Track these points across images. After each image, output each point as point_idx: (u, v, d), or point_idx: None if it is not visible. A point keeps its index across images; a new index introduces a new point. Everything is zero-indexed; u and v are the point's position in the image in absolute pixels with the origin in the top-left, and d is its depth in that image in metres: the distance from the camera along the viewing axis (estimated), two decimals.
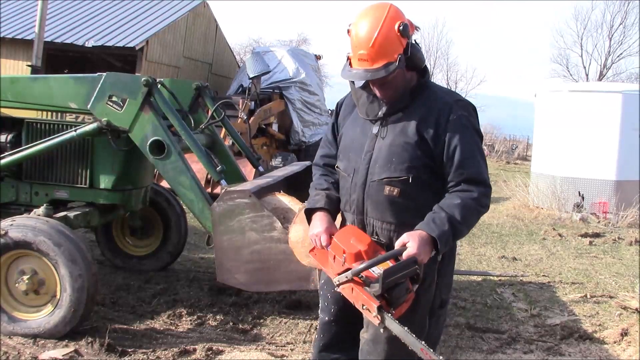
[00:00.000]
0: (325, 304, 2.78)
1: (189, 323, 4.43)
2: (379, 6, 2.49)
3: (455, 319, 4.80)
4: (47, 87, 4.56)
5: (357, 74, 2.46)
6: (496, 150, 27.74)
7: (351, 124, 2.66)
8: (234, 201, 3.87)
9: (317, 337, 2.87)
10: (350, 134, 2.64)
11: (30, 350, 3.77)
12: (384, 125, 2.53)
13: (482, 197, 2.44)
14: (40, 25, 7.29)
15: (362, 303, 2.35)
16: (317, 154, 2.88)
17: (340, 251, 2.45)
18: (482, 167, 2.48)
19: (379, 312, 2.30)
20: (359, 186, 2.55)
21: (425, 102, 2.52)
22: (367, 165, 2.53)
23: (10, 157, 4.46)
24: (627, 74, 38.20)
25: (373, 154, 2.52)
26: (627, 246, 8.43)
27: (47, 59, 16.03)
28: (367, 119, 2.58)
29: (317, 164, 2.83)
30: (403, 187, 2.47)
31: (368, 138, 2.56)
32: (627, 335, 4.56)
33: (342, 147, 2.68)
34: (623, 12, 38.27)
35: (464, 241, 8.16)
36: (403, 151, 2.46)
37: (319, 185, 2.73)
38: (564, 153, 11.05)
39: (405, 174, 2.46)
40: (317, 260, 2.66)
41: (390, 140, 2.49)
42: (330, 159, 2.77)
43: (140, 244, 5.70)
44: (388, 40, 2.41)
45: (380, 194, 2.50)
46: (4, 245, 3.87)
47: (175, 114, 4.36)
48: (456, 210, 2.39)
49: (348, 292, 2.41)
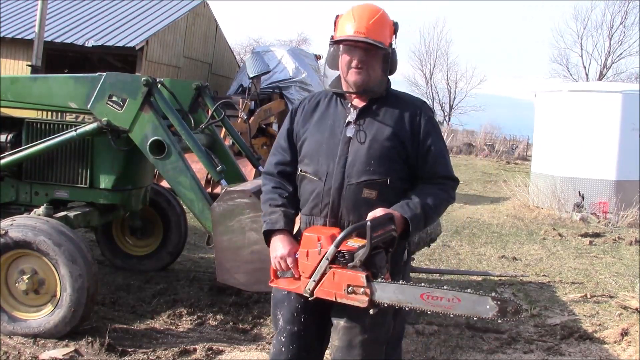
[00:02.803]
0: (294, 314, 2.64)
1: (189, 323, 4.43)
2: (372, 4, 2.61)
3: (455, 319, 4.79)
4: (47, 87, 4.56)
5: (357, 37, 2.50)
6: (496, 150, 27.68)
7: (316, 128, 2.63)
8: (234, 201, 3.87)
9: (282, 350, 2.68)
10: (317, 137, 2.61)
11: (31, 350, 3.78)
12: (359, 129, 2.56)
13: (451, 190, 2.64)
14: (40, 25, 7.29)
15: (347, 283, 2.33)
16: (267, 161, 2.78)
17: (315, 240, 2.43)
18: (450, 164, 2.67)
19: (368, 282, 2.30)
20: (335, 190, 2.54)
21: (395, 105, 2.60)
22: (343, 169, 2.54)
23: (10, 157, 4.46)
24: (627, 74, 38.18)
25: (348, 157, 2.54)
26: (627, 246, 8.43)
27: (47, 59, 16.02)
28: (337, 123, 2.59)
29: (269, 173, 2.74)
30: (381, 188, 2.53)
31: (340, 142, 2.56)
32: (627, 335, 4.56)
33: (307, 151, 2.64)
34: (623, 12, 38.27)
35: (464, 241, 8.16)
36: (381, 153, 2.52)
37: (272, 201, 2.65)
38: (564, 153, 11.04)
39: (384, 176, 2.53)
40: (281, 286, 2.61)
41: (368, 144, 2.53)
42: (285, 166, 2.71)
43: (140, 244, 5.70)
44: (385, 26, 2.55)
45: (357, 196, 2.52)
46: (4, 245, 3.87)
47: (175, 114, 4.36)
48: (429, 198, 2.54)
49: (328, 283, 2.37)
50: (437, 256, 7.13)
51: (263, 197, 2.71)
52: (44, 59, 14.47)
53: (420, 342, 4.27)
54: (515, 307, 2.23)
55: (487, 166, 21.54)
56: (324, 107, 2.66)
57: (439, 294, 2.29)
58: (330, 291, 2.38)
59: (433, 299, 2.29)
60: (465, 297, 2.27)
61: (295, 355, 2.64)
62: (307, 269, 2.45)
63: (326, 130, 2.61)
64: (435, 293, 2.29)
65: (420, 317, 4.75)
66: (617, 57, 38.93)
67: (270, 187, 2.70)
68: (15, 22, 17.21)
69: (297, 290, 2.50)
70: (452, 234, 8.65)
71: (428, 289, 2.30)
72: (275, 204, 2.63)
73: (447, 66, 43.24)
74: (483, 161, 24.03)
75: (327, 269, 2.38)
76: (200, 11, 18.90)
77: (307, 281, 2.43)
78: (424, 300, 2.29)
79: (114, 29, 16.72)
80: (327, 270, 2.38)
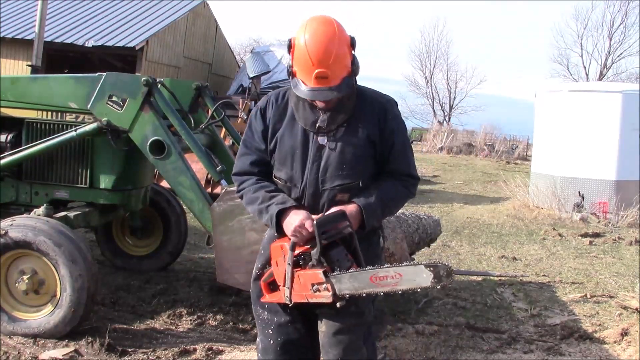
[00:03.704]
0: (279, 306, 2.66)
1: (189, 323, 4.43)
2: (325, 21, 2.47)
3: (455, 319, 4.80)
4: (47, 87, 4.56)
5: (323, 94, 2.42)
6: (496, 150, 27.70)
7: (288, 131, 2.57)
8: (234, 201, 3.87)
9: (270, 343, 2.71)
10: (290, 142, 2.56)
11: (31, 350, 3.78)
12: (330, 134, 2.53)
13: (411, 186, 2.68)
14: (40, 25, 7.29)
15: (311, 282, 2.40)
16: (241, 162, 2.67)
17: (279, 249, 2.52)
18: (413, 162, 2.70)
19: (326, 277, 2.37)
20: (310, 196, 2.55)
21: (363, 104, 2.58)
22: (317, 175, 2.53)
23: (10, 157, 4.46)
24: (627, 74, 38.20)
25: (321, 163, 2.53)
26: (627, 246, 8.43)
27: (47, 59, 16.03)
28: (308, 127, 2.54)
29: (249, 172, 2.64)
30: (353, 191, 2.55)
31: (312, 147, 2.54)
32: (627, 335, 4.56)
33: (280, 155, 2.58)
34: (623, 12, 38.29)
35: (464, 241, 8.17)
36: (353, 157, 2.53)
37: (265, 187, 2.58)
38: (564, 153, 11.04)
39: (357, 179, 2.55)
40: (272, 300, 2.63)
41: (340, 149, 2.52)
42: (264, 166, 2.64)
43: (140, 244, 5.70)
44: (343, 55, 2.43)
45: (332, 201, 2.54)
46: (4, 245, 3.87)
47: (175, 114, 4.36)
48: (388, 191, 2.57)
49: (298, 287, 2.45)
50: (437, 256, 7.12)
51: (250, 189, 2.60)
52: (44, 59, 14.47)
53: (420, 342, 4.27)
54: (447, 270, 2.31)
55: (487, 166, 21.54)
56: (293, 108, 2.59)
57: (383, 273, 2.36)
58: (301, 294, 2.46)
59: (380, 279, 2.36)
60: (404, 270, 2.36)
61: (284, 347, 2.69)
62: (280, 277, 2.53)
63: (298, 133, 2.55)
64: (380, 273, 2.36)
65: (420, 317, 4.75)
66: (617, 57, 39.01)
67: (255, 180, 2.62)
68: (15, 22, 17.24)
69: (281, 300, 2.56)
70: (452, 234, 8.65)
71: (373, 270, 2.37)
72: (270, 189, 2.58)
73: (447, 66, 43.27)
74: (483, 161, 24.04)
75: (293, 273, 2.46)
76: (200, 11, 18.92)
77: (284, 289, 2.50)
78: (374, 282, 2.36)
79: (114, 29, 16.74)
80: (293, 275, 2.46)
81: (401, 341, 4.25)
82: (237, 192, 2.69)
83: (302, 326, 2.69)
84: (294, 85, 2.49)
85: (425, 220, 5.27)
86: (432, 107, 43.60)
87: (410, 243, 4.86)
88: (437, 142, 28.75)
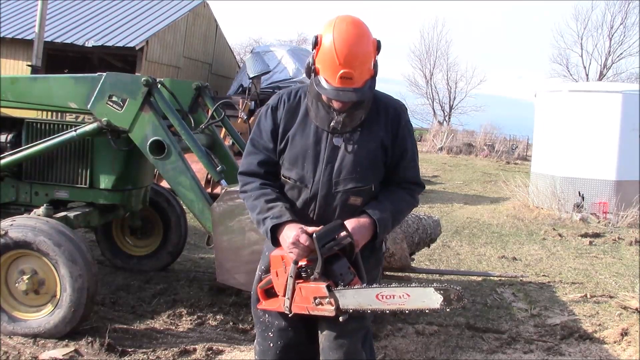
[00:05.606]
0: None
1: (189, 323, 4.43)
2: (354, 21, 2.43)
3: (455, 319, 4.80)
4: (47, 87, 4.56)
5: (347, 95, 2.37)
6: (496, 150, 27.70)
7: (300, 131, 2.52)
8: (234, 201, 3.87)
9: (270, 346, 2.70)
10: (302, 142, 2.51)
11: (31, 350, 3.78)
12: (345, 135, 2.50)
13: (417, 194, 2.68)
14: (40, 25, 7.28)
15: (313, 295, 2.38)
16: (247, 161, 2.61)
17: (279, 260, 2.49)
18: (419, 170, 2.70)
19: (329, 291, 2.34)
20: (321, 197, 2.51)
21: (377, 108, 2.55)
22: (330, 177, 2.50)
23: (10, 157, 4.46)
24: (627, 74, 38.17)
25: (335, 164, 2.50)
26: (627, 246, 8.44)
27: (47, 59, 16.03)
28: (322, 127, 2.51)
29: (253, 173, 2.58)
30: (365, 195, 2.54)
31: (326, 148, 2.50)
32: (627, 335, 4.56)
33: (291, 155, 2.53)
34: (623, 12, 38.27)
35: (464, 241, 8.17)
36: (367, 160, 2.51)
37: (266, 196, 2.52)
38: (564, 153, 11.04)
39: (370, 182, 2.53)
40: (268, 308, 2.61)
41: (356, 151, 2.50)
42: (271, 166, 2.58)
43: (140, 244, 5.70)
44: (369, 58, 2.40)
45: (344, 204, 2.52)
46: (4, 245, 3.87)
47: (175, 114, 4.36)
48: (398, 202, 2.57)
49: (299, 299, 2.42)
50: (437, 256, 7.13)
51: (252, 194, 2.55)
52: (44, 59, 14.48)
53: (420, 342, 4.27)
54: (458, 294, 2.26)
55: (487, 166, 21.54)
56: (306, 107, 2.54)
57: (390, 292, 2.32)
58: (302, 305, 2.44)
59: (387, 297, 2.33)
60: (412, 291, 2.31)
61: (284, 351, 2.67)
62: (280, 287, 2.50)
63: (311, 134, 2.51)
64: (387, 292, 2.33)
65: (420, 317, 4.75)
66: (617, 57, 38.97)
67: (258, 184, 2.56)
68: (15, 22, 17.23)
69: (279, 309, 2.54)
70: (452, 234, 8.65)
71: (380, 289, 2.33)
72: (270, 199, 2.52)
73: (447, 66, 43.18)
74: (483, 161, 24.04)
75: (294, 285, 2.43)
76: (200, 11, 18.92)
77: (284, 299, 2.48)
78: (380, 300, 2.33)
79: (114, 29, 16.74)
80: (295, 287, 2.43)
81: (401, 341, 4.25)
82: (240, 192, 2.66)
83: (302, 330, 2.67)
84: (316, 83, 2.41)
85: (425, 221, 5.27)
86: (432, 107, 43.60)
87: (410, 243, 4.86)
88: (437, 142, 28.75)
